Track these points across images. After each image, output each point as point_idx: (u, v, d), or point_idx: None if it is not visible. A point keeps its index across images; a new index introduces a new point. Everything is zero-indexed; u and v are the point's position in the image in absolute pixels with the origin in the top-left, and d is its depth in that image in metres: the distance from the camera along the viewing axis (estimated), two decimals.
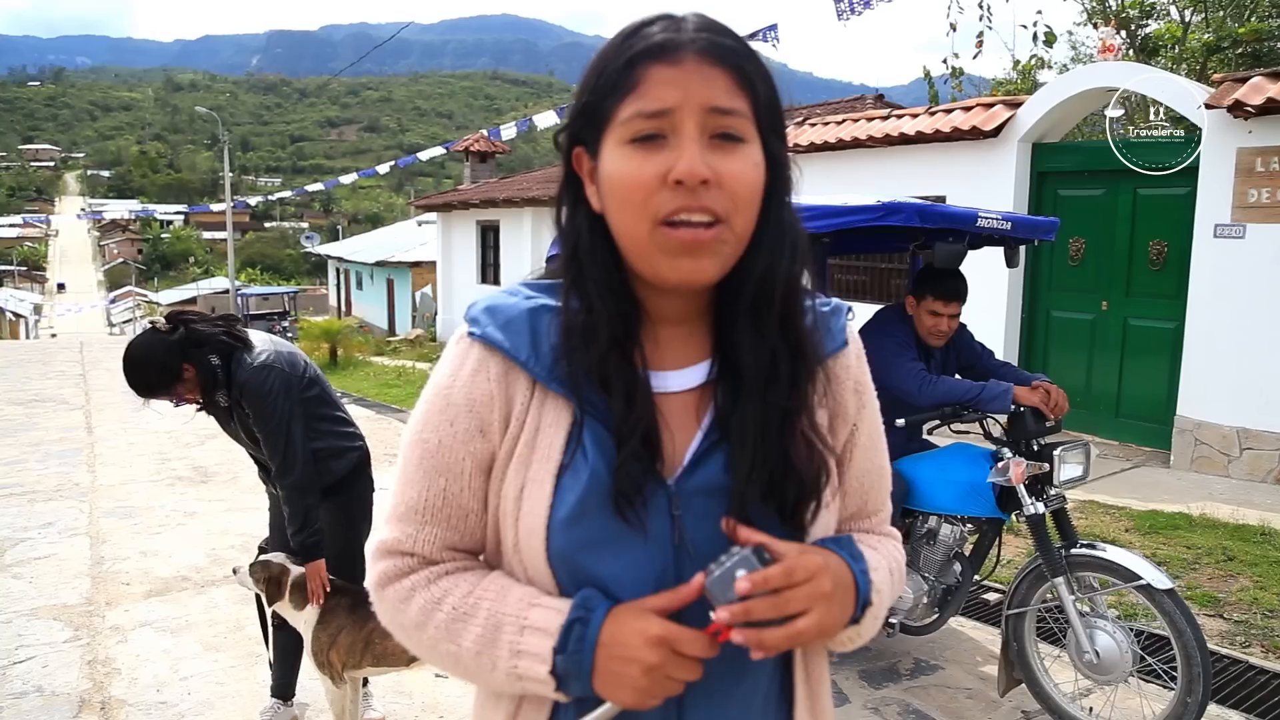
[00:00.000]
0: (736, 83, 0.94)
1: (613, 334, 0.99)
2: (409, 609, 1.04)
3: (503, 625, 0.98)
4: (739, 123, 0.94)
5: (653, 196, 0.93)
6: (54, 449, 8.90)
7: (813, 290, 1.07)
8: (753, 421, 0.99)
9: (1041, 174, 8.52)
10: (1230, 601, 4.60)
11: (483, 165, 21.62)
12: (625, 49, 0.95)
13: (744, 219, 0.96)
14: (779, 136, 1.00)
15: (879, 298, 9.58)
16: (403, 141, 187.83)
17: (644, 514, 0.98)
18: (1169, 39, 13.33)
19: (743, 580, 0.90)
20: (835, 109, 13.36)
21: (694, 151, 0.92)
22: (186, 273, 79.84)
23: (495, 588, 1.02)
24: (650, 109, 0.93)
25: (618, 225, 0.97)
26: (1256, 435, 6.86)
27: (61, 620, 4.61)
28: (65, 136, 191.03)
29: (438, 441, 1.04)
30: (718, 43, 0.95)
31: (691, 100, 0.92)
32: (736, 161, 0.94)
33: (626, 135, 0.94)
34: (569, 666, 0.95)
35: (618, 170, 0.95)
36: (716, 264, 0.96)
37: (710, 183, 0.92)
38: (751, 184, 0.95)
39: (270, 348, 3.15)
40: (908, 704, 3.67)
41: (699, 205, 0.92)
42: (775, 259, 0.99)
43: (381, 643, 3.00)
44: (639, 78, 0.93)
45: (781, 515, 0.99)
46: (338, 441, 3.27)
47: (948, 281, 3.61)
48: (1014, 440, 3.43)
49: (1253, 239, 6.80)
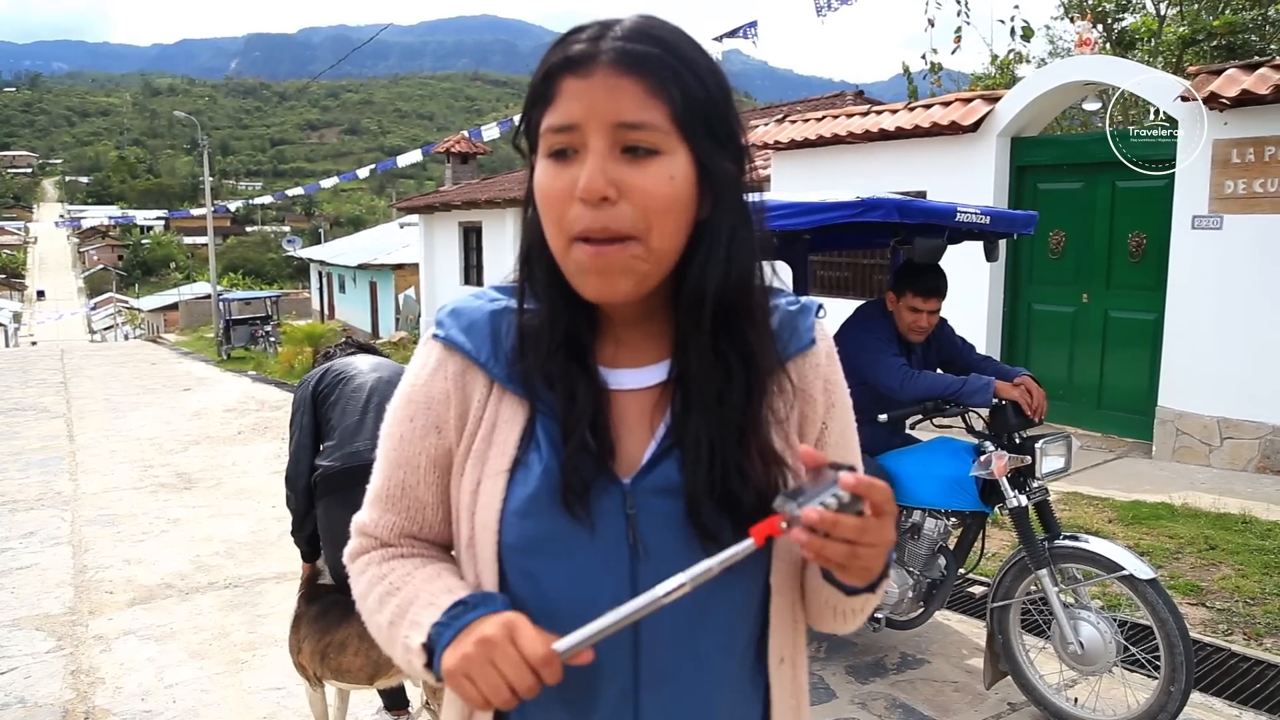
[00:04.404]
0: (649, 91, 0.92)
1: (558, 334, 1.01)
2: (361, 581, 1.09)
3: (416, 599, 1.01)
4: (651, 135, 0.92)
5: (566, 211, 0.93)
6: (35, 458, 8.83)
7: (778, 290, 1.07)
8: (705, 434, 0.99)
9: (1021, 168, 8.56)
10: (1212, 590, 4.63)
11: (464, 166, 21.56)
12: (547, 59, 0.96)
13: (660, 235, 0.94)
14: (715, 140, 0.96)
15: (861, 293, 9.60)
16: (384, 143, 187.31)
17: (594, 511, 0.98)
18: (1145, 32, 13.44)
19: (815, 511, 0.86)
20: (816, 105, 13.41)
21: (595, 166, 0.91)
22: (168, 278, 79.14)
23: (430, 573, 1.05)
24: (559, 123, 0.93)
25: (547, 237, 0.98)
26: (1237, 425, 6.92)
27: (44, 630, 4.58)
28: (42, 143, 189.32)
29: (399, 436, 1.09)
30: (631, 51, 0.92)
31: (597, 114, 0.91)
32: (648, 176, 0.92)
33: (545, 148, 0.95)
34: (436, 636, 0.94)
35: (538, 182, 0.96)
36: (630, 281, 0.95)
37: (613, 199, 0.91)
38: (665, 198, 0.93)
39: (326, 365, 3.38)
40: (894, 698, 3.68)
41: (601, 226, 0.92)
42: (706, 274, 0.97)
43: (337, 657, 3.00)
44: (554, 90, 0.94)
45: (735, 522, 0.97)
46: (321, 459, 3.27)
47: (927, 278, 3.63)
48: (996, 434, 3.45)
49: (1230, 230, 6.86)
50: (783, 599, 1.07)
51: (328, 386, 3.28)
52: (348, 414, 3.29)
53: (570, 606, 0.97)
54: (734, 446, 0.99)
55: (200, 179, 38.98)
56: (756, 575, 1.04)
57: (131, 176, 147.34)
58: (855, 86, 14.69)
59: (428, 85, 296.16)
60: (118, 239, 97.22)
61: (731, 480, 0.98)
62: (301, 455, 3.23)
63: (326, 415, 3.26)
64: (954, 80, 14.03)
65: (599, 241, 0.92)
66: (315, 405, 3.25)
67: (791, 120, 10.51)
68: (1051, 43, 17.85)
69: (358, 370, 3.33)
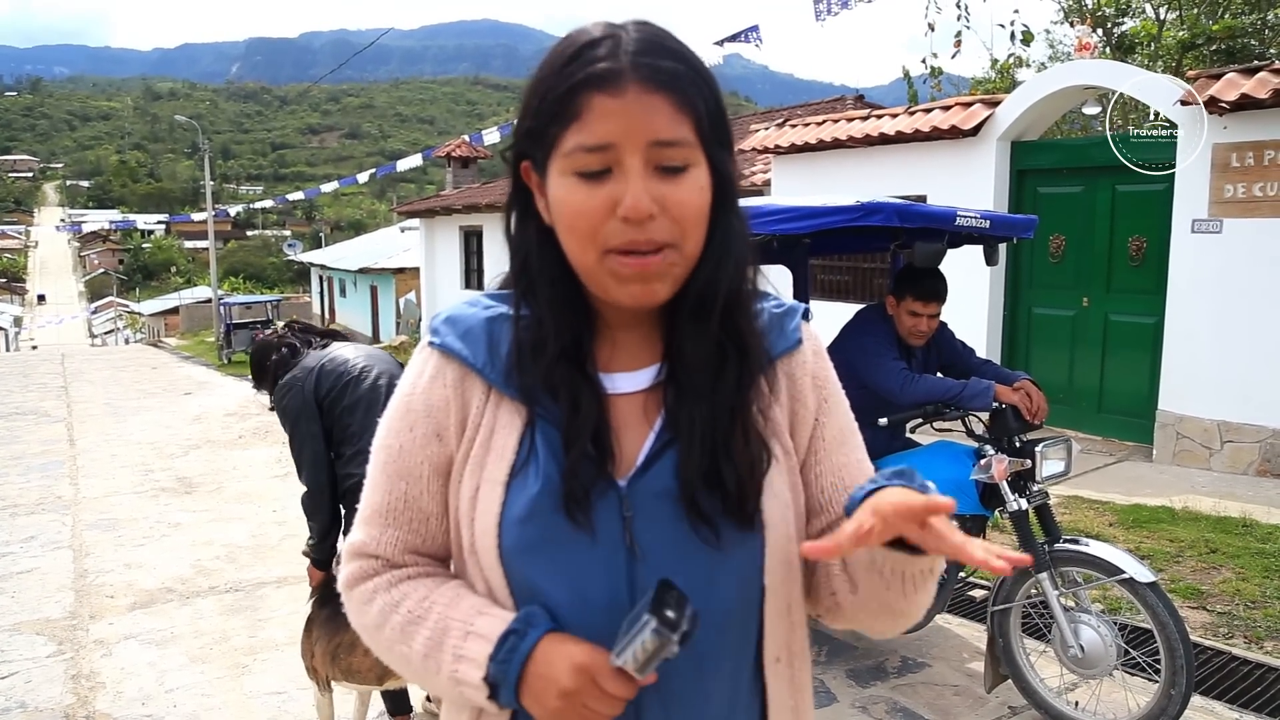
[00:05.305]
0: (678, 107, 0.94)
1: (561, 344, 1.01)
2: (370, 610, 1.07)
3: (449, 630, 1.01)
4: (683, 152, 0.94)
5: (600, 228, 0.94)
6: (35, 462, 8.83)
7: (764, 293, 1.10)
8: (700, 419, 1.00)
9: (1021, 172, 8.57)
10: (1213, 593, 4.63)
11: (465, 170, 21.56)
12: (567, 75, 0.94)
13: (693, 241, 0.97)
14: (724, 146, 1.00)
15: (861, 297, 9.61)
16: (385, 147, 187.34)
17: (593, 515, 0.99)
18: (1144, 36, 13.47)
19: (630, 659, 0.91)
20: (816, 110, 13.41)
21: (639, 188, 0.92)
22: (168, 282, 79.13)
23: (449, 594, 1.04)
24: (592, 143, 0.93)
25: (568, 249, 0.99)
26: (1237, 428, 6.92)
27: (45, 635, 4.58)
28: (43, 147, 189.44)
29: (399, 447, 1.08)
30: (659, 67, 0.94)
31: (635, 134, 0.92)
32: (682, 190, 0.94)
33: (571, 167, 0.95)
34: (499, 675, 0.97)
35: (565, 200, 0.96)
36: (668, 285, 0.97)
37: (656, 215, 0.93)
38: (698, 208, 0.96)
39: (315, 364, 3.19)
40: (895, 702, 3.68)
41: (646, 238, 0.93)
42: (719, 267, 1.01)
43: (347, 657, 3.01)
44: (581, 107, 0.93)
45: (726, 504, 1.00)
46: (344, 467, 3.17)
47: (926, 282, 3.63)
48: (996, 437, 3.45)
49: (1230, 233, 6.86)
50: (777, 599, 1.07)
51: (332, 389, 3.13)
52: (370, 418, 3.13)
53: (569, 609, 1.00)
54: (725, 426, 1.01)
55: (201, 183, 39.04)
56: (751, 576, 1.05)
57: (132, 180, 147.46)
58: (855, 91, 14.69)
59: (429, 89, 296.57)
60: (118, 243, 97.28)
61: (719, 459, 1.00)
62: (320, 466, 3.11)
63: (342, 420, 3.12)
64: (954, 84, 14.05)
65: (644, 254, 0.94)
66: (320, 412, 3.12)
67: (792, 124, 10.52)
68: (1051, 47, 17.90)
69: (358, 366, 3.19)
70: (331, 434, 3.14)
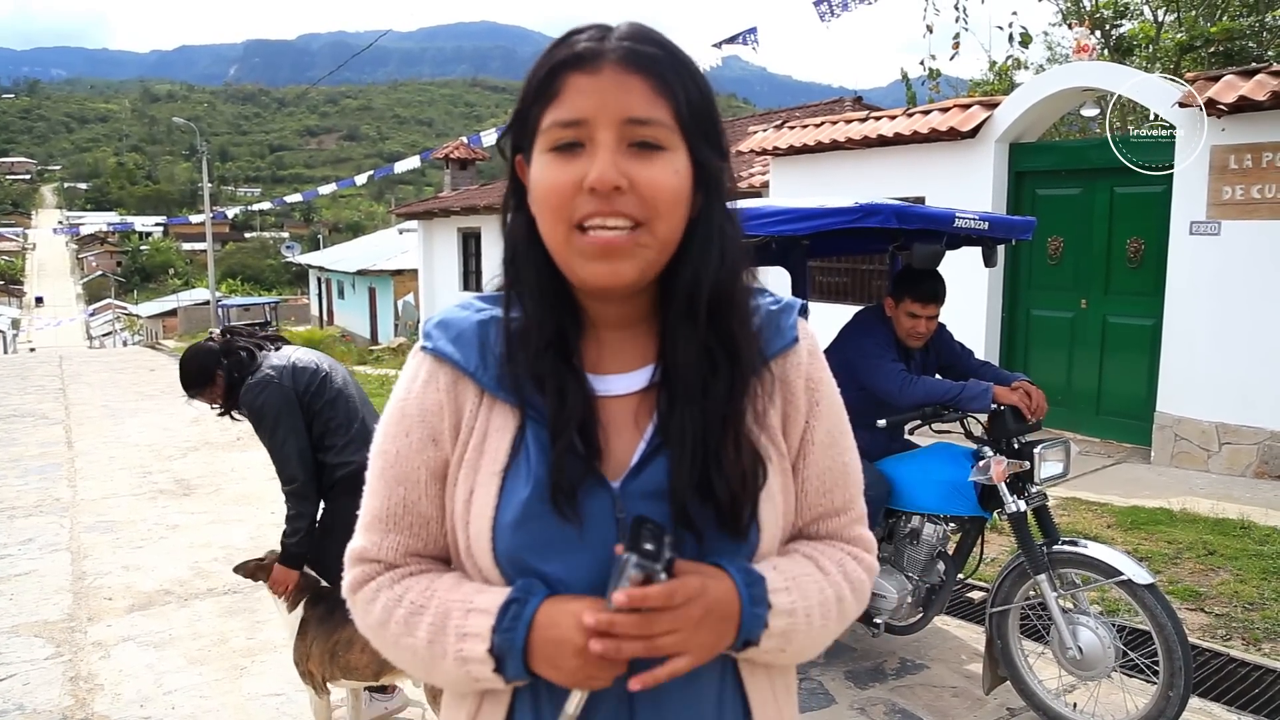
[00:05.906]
0: (655, 90, 0.96)
1: (546, 334, 1.02)
2: (375, 608, 1.07)
3: (451, 612, 1.01)
4: (658, 131, 0.96)
5: (569, 202, 0.95)
6: (33, 464, 8.81)
7: (761, 290, 1.10)
8: (691, 426, 1.00)
9: (1019, 173, 8.58)
10: (1211, 595, 4.64)
11: (463, 172, 21.58)
12: (550, 58, 0.98)
13: (666, 224, 0.97)
14: (710, 143, 1.01)
15: (860, 299, 9.61)
16: (383, 149, 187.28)
17: (584, 514, 0.99)
18: (1143, 39, 13.49)
19: (619, 594, 0.91)
20: (814, 111, 13.43)
21: (607, 159, 0.94)
22: (166, 284, 79.04)
23: (449, 582, 1.05)
24: (567, 118, 0.95)
25: (542, 229, 1.00)
26: (1235, 430, 6.93)
27: (43, 637, 4.57)
28: (41, 149, 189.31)
29: (395, 452, 1.08)
30: (637, 50, 0.96)
31: (608, 110, 0.94)
32: (654, 169, 0.95)
33: (548, 143, 0.97)
34: (505, 645, 0.97)
35: (539, 177, 0.98)
36: (634, 267, 0.97)
37: (624, 189, 0.94)
38: (671, 190, 0.96)
39: (284, 363, 3.29)
40: (894, 703, 3.68)
41: (612, 210, 0.94)
42: (702, 265, 1.01)
43: (345, 654, 3.06)
44: (559, 87, 0.96)
45: (719, 516, 1.01)
46: (338, 456, 3.32)
47: (925, 283, 3.63)
48: (995, 439, 3.46)
49: (1228, 235, 6.87)
50: None
51: (312, 384, 3.27)
52: (351, 410, 3.34)
53: None
54: (717, 434, 1.01)
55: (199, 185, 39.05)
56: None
57: (130, 183, 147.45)
58: (854, 92, 14.71)
59: (427, 91, 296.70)
60: (116, 245, 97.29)
61: (710, 469, 1.00)
62: (308, 458, 3.24)
63: (324, 414, 3.27)
64: (952, 86, 14.08)
65: (609, 229, 0.95)
66: (301, 407, 3.24)
67: (790, 126, 10.53)
68: (1050, 49, 17.89)
69: (324, 365, 3.38)
70: (311, 429, 3.27)
